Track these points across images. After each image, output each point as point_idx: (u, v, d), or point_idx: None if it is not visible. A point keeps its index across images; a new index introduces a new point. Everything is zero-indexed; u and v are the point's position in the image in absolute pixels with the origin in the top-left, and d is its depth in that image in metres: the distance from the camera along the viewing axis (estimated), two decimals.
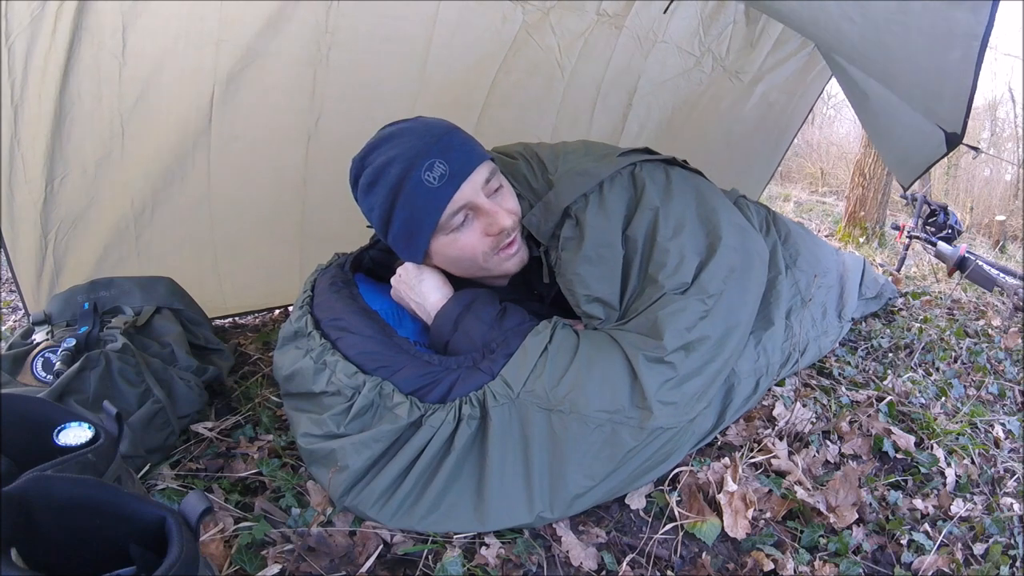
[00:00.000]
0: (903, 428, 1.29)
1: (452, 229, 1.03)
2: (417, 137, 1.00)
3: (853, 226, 5.04)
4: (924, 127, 1.42)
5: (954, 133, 1.31)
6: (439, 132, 1.01)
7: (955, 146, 1.38)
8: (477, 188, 1.01)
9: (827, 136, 10.85)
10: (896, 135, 1.72)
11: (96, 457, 0.60)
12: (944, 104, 1.21)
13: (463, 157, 1.00)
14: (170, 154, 1.41)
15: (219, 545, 0.83)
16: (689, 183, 1.18)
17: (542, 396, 0.92)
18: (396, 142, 1.01)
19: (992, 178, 8.88)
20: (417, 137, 1.00)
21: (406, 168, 0.98)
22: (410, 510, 0.89)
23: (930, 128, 1.38)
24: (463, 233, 1.04)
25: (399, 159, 0.99)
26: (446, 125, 1.05)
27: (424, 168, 0.97)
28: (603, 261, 1.06)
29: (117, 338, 1.09)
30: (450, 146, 1.00)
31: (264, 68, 1.41)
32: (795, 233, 1.47)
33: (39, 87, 1.18)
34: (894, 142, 1.81)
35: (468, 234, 1.04)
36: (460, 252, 1.06)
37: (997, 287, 2.55)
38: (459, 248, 1.05)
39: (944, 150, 1.43)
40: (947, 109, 1.22)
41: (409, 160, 0.98)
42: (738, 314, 1.08)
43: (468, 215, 1.03)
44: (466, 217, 1.03)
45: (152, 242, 1.49)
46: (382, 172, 1.00)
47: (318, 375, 0.98)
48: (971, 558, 0.96)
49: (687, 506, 0.98)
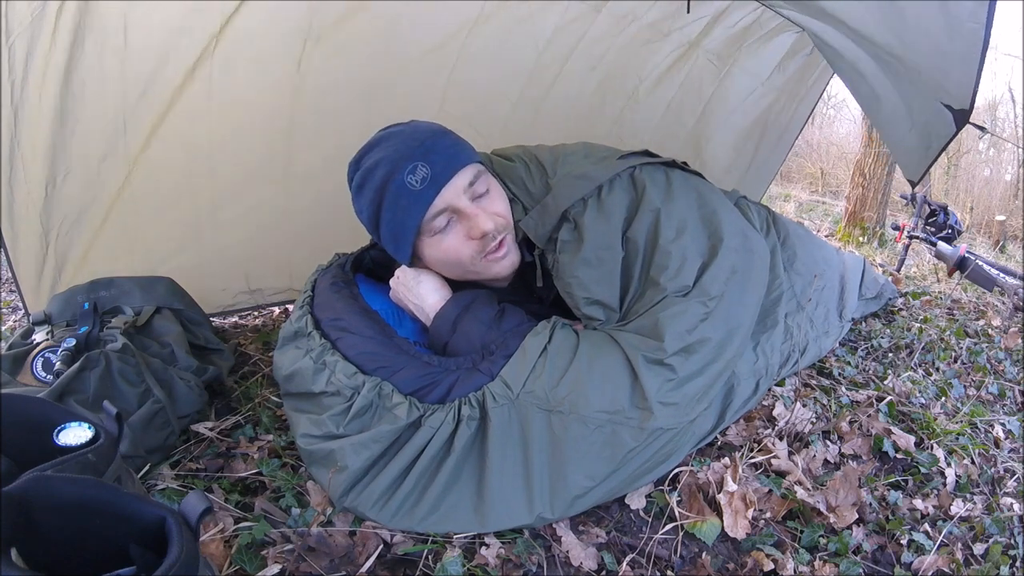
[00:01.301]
0: (903, 428, 1.29)
1: (435, 232, 1.04)
2: (402, 141, 1.02)
3: (853, 226, 5.04)
4: (931, 106, 1.40)
5: (962, 110, 1.30)
6: (423, 136, 1.02)
7: (964, 124, 1.36)
8: (459, 191, 1.02)
9: (827, 136, 10.85)
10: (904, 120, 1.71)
11: (96, 457, 0.60)
12: (952, 77, 1.20)
13: (445, 160, 1.01)
14: (172, 151, 1.41)
15: (219, 545, 0.83)
16: (690, 185, 1.18)
17: (542, 397, 0.92)
18: (384, 145, 1.02)
19: (992, 178, 8.89)
20: (402, 141, 1.02)
21: (390, 171, 1.00)
22: (410, 511, 0.89)
23: (936, 108, 1.37)
24: (446, 236, 1.05)
25: (384, 162, 1.00)
26: (434, 129, 1.06)
27: (407, 171, 0.99)
28: (602, 263, 1.06)
29: (117, 338, 1.09)
30: (433, 149, 1.01)
31: (264, 64, 1.41)
32: (793, 235, 1.47)
33: (40, 87, 1.18)
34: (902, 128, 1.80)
35: (451, 237, 1.05)
36: (444, 255, 1.07)
37: (997, 287, 2.55)
38: (443, 251, 1.06)
39: (954, 129, 1.41)
40: (955, 83, 1.21)
41: (393, 163, 1.00)
42: (739, 316, 1.08)
43: (451, 218, 1.04)
44: (449, 220, 1.04)
45: (153, 239, 1.49)
46: (369, 175, 1.02)
47: (318, 375, 0.98)
48: (971, 558, 0.96)
49: (687, 506, 0.98)
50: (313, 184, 1.64)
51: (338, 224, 1.39)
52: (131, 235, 1.46)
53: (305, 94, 1.51)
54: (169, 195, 1.47)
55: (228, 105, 1.41)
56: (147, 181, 1.41)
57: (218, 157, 1.48)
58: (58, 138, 1.24)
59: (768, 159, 2.85)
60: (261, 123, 1.51)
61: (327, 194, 1.47)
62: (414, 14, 1.53)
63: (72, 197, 1.33)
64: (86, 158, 1.30)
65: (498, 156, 1.20)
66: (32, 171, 1.25)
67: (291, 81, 1.48)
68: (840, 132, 11.02)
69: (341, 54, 1.49)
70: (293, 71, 1.46)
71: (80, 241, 1.39)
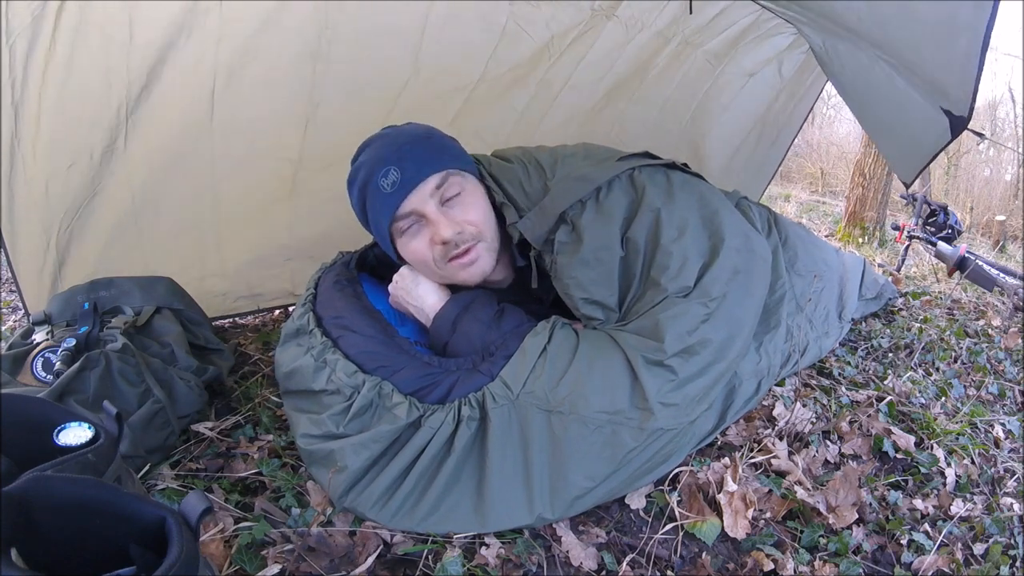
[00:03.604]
0: (903, 428, 1.29)
1: (402, 233, 1.09)
2: (384, 145, 1.07)
3: (853, 226, 5.04)
4: (927, 114, 1.39)
5: (960, 116, 1.29)
6: (402, 141, 1.07)
7: (960, 131, 1.35)
8: (425, 197, 1.05)
9: (827, 136, 10.85)
10: (897, 126, 1.70)
11: (96, 457, 0.60)
12: (952, 78, 1.18)
13: (416, 166, 1.05)
14: (172, 147, 1.41)
15: (219, 545, 0.83)
16: (690, 186, 1.18)
17: (541, 397, 0.92)
18: (371, 148, 1.09)
19: (992, 178, 8.89)
20: (384, 145, 1.07)
21: (369, 173, 1.06)
22: (410, 511, 0.89)
23: (933, 114, 1.36)
24: (414, 239, 1.09)
25: (366, 164, 1.07)
26: (417, 134, 1.10)
27: (380, 174, 1.04)
28: (600, 264, 1.06)
29: (117, 338, 1.09)
30: (407, 155, 1.05)
31: (265, 60, 1.41)
32: (794, 235, 1.47)
33: (40, 85, 1.17)
34: (895, 134, 1.79)
35: (417, 240, 1.09)
36: (412, 256, 1.11)
37: (997, 287, 2.55)
38: (411, 252, 1.11)
39: (948, 137, 1.40)
40: (954, 86, 1.20)
41: (371, 166, 1.06)
42: (741, 317, 1.08)
43: (417, 221, 1.08)
44: (414, 223, 1.08)
45: (154, 236, 1.49)
46: (356, 174, 1.09)
47: (318, 373, 0.98)
48: (971, 558, 0.96)
49: (687, 506, 0.98)
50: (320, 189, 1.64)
51: (339, 225, 1.39)
52: (131, 240, 1.46)
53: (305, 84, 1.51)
54: (171, 189, 1.47)
55: (232, 110, 1.41)
56: (148, 176, 1.41)
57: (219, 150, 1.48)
58: (59, 135, 1.24)
59: (767, 158, 2.85)
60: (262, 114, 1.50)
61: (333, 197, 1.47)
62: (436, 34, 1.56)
63: (73, 194, 1.33)
64: (86, 155, 1.30)
65: (497, 158, 1.20)
66: (32, 171, 1.25)
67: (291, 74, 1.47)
68: (840, 132, 11.03)
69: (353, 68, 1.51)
70: (293, 61, 1.45)
71: (80, 243, 1.39)
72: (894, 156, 2.03)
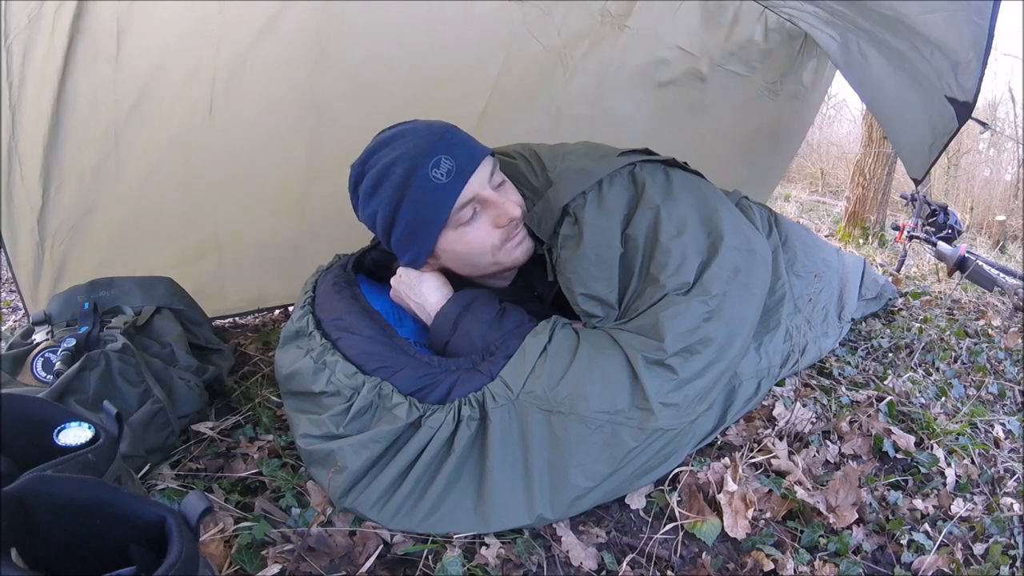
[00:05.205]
0: (903, 428, 1.29)
1: (461, 224, 1.05)
2: (420, 136, 1.01)
3: (853, 226, 5.04)
4: (936, 102, 1.41)
5: (965, 103, 1.31)
6: (441, 130, 1.03)
7: (966, 118, 1.39)
8: (484, 181, 1.04)
9: (827, 136, 10.83)
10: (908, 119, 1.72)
11: (96, 457, 0.60)
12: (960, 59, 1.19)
13: (468, 152, 1.02)
14: (167, 158, 1.41)
15: (219, 545, 0.83)
16: (690, 184, 1.18)
17: (541, 397, 0.92)
18: (398, 143, 1.02)
19: (992, 178, 8.88)
20: (420, 136, 1.01)
21: (412, 167, 0.99)
22: (410, 511, 0.89)
23: (940, 104, 1.38)
24: (472, 227, 1.06)
25: (403, 158, 1.00)
26: (446, 124, 1.06)
27: (431, 165, 0.99)
28: (601, 260, 1.06)
29: (117, 338, 1.09)
30: (454, 142, 1.02)
31: (263, 70, 1.41)
32: (794, 236, 1.47)
33: (37, 89, 1.17)
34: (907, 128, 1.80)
35: (477, 227, 1.06)
36: (469, 246, 1.07)
37: (997, 287, 2.55)
38: (468, 242, 1.06)
39: (956, 124, 1.43)
40: (962, 70, 1.21)
41: (414, 159, 0.99)
42: (742, 316, 1.07)
43: (476, 209, 1.05)
44: (475, 211, 1.05)
45: (155, 236, 1.49)
46: (386, 173, 1.01)
47: (318, 375, 0.98)
48: (971, 558, 0.96)
49: (687, 506, 0.98)
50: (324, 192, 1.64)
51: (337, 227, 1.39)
52: (130, 245, 1.45)
53: (306, 94, 1.51)
54: (167, 200, 1.46)
55: (226, 108, 1.41)
56: (144, 187, 1.41)
57: (215, 160, 1.48)
58: (54, 143, 1.24)
59: (773, 162, 2.85)
60: (260, 126, 1.50)
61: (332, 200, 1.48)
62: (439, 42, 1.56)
63: (68, 204, 1.32)
64: (80, 165, 1.30)
65: (499, 154, 1.20)
66: (29, 177, 1.25)
67: (290, 79, 1.48)
68: (840, 132, 11.02)
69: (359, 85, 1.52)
70: (292, 68, 1.46)
71: (77, 248, 1.39)
72: (905, 149, 2.05)
